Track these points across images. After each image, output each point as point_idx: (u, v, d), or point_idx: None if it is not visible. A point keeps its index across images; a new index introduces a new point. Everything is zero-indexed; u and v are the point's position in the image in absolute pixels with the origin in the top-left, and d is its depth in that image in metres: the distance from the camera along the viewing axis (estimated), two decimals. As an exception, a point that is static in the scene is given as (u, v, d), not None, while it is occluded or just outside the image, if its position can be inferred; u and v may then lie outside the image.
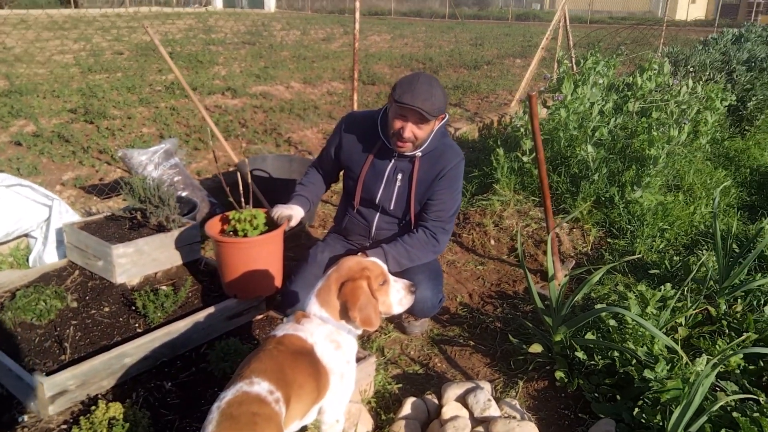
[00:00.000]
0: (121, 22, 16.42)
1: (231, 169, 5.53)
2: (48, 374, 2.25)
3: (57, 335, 2.58)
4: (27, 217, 3.34)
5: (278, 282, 2.89)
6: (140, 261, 2.94)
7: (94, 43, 11.99)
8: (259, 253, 2.76)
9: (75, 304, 2.79)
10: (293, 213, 2.89)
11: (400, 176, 2.88)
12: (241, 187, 2.88)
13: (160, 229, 3.08)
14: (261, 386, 1.72)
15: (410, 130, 2.67)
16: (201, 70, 9.54)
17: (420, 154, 2.83)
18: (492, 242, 4.32)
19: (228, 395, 1.68)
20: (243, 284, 2.78)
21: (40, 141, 5.57)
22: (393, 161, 2.88)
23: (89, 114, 6.44)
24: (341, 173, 3.21)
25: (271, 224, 2.85)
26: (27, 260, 3.48)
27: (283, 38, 15.19)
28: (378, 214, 3.02)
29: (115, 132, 6.07)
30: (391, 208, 2.95)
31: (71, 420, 2.23)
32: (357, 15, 5.29)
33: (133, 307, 2.76)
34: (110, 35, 13.46)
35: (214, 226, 2.83)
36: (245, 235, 2.75)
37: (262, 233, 2.78)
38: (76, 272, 3.05)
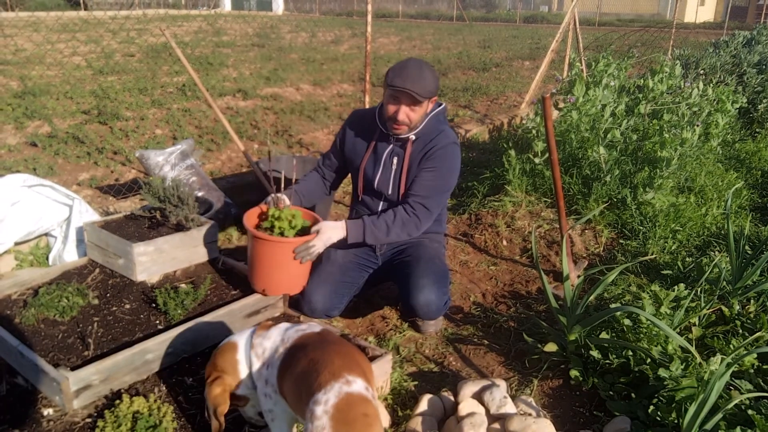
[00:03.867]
0: (129, 24, 16.53)
1: (244, 170, 5.58)
2: (73, 369, 2.30)
3: (80, 331, 2.63)
4: (48, 216, 3.40)
5: (305, 282, 2.95)
6: (160, 259, 2.99)
7: (104, 45, 12.09)
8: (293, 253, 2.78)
9: (96, 302, 2.84)
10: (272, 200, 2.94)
11: (395, 159, 3.00)
12: (282, 184, 2.93)
13: (179, 228, 3.13)
14: (358, 384, 1.73)
15: (404, 112, 2.80)
16: (211, 72, 9.62)
17: (414, 137, 2.94)
18: (504, 243, 4.35)
19: (331, 398, 1.66)
20: (274, 282, 2.82)
21: (55, 142, 5.64)
22: (390, 146, 3.00)
23: (102, 115, 6.51)
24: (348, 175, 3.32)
25: (304, 228, 2.87)
26: (47, 259, 3.53)
27: (291, 40, 15.27)
28: (381, 201, 3.11)
29: (128, 133, 6.13)
30: (390, 192, 3.04)
31: (95, 414, 2.27)
32: (369, 18, 5.34)
33: (154, 305, 2.80)
34: (120, 37, 13.56)
35: (251, 219, 2.84)
36: (281, 234, 2.77)
37: (297, 234, 2.80)
38: (97, 270, 3.10)
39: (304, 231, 2.84)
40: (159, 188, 3.14)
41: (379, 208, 3.11)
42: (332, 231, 2.83)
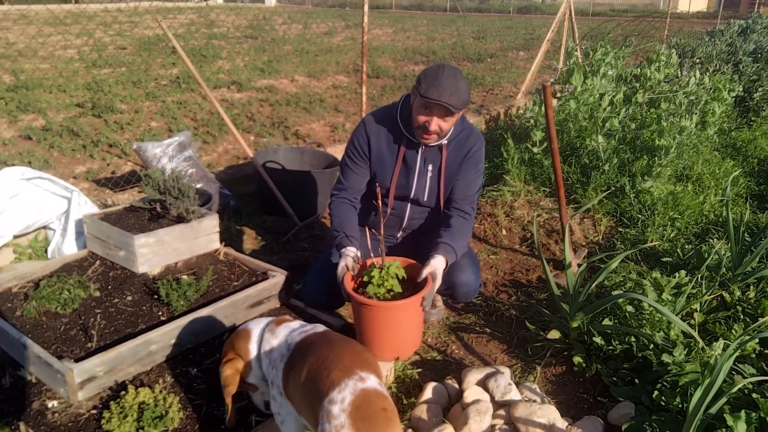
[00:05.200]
0: (122, 17, 16.40)
1: (241, 162, 5.56)
2: (77, 361, 2.29)
3: (82, 323, 2.62)
4: (47, 209, 3.37)
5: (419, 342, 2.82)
6: (161, 251, 2.98)
7: (96, 38, 11.98)
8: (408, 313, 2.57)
9: (98, 294, 2.82)
10: (353, 257, 2.69)
11: (430, 167, 2.86)
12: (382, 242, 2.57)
13: (180, 220, 3.11)
14: (372, 380, 1.71)
15: (436, 123, 2.65)
16: (205, 64, 9.55)
17: (446, 141, 2.83)
18: (504, 232, 4.35)
19: (347, 396, 1.63)
20: (407, 343, 2.68)
21: (50, 135, 5.59)
22: (421, 153, 2.85)
23: (97, 108, 6.46)
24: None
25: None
26: (45, 252, 3.51)
27: (285, 32, 15.19)
28: (409, 205, 3.01)
29: (123, 126, 6.09)
30: (425, 199, 2.94)
31: (100, 405, 2.26)
32: (366, 8, 5.31)
33: (156, 296, 2.79)
34: (112, 30, 13.44)
35: (349, 284, 2.56)
36: (392, 291, 2.53)
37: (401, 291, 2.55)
38: (97, 262, 3.09)
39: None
40: (159, 180, 3.12)
41: (408, 212, 3.02)
42: (440, 268, 2.66)
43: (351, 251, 2.67)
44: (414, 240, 3.13)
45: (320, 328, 2.07)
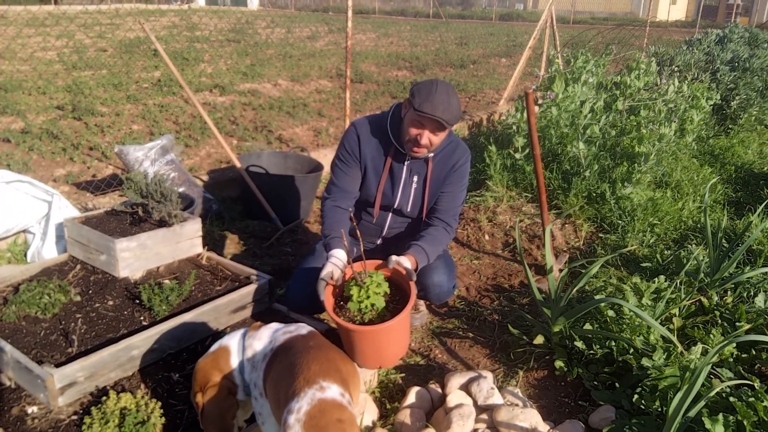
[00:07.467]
0: (102, 19, 16.25)
1: (224, 166, 5.53)
2: (57, 366, 2.26)
3: (62, 328, 2.59)
4: (27, 212, 3.33)
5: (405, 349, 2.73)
6: (143, 255, 2.95)
7: (76, 39, 11.86)
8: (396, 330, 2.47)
9: (78, 298, 2.79)
10: (340, 267, 2.58)
11: (415, 178, 2.89)
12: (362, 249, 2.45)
13: (162, 224, 3.09)
14: (332, 390, 1.71)
15: (427, 137, 2.67)
16: (187, 67, 9.50)
17: (432, 154, 2.85)
18: (486, 237, 4.38)
19: (304, 406, 1.63)
20: (391, 355, 2.61)
21: (29, 138, 5.52)
22: (407, 164, 2.87)
23: (77, 111, 6.39)
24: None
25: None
26: (25, 256, 3.47)
27: (268, 36, 15.15)
28: (391, 215, 3.02)
29: (104, 129, 6.04)
30: (408, 210, 2.96)
31: (81, 411, 2.24)
32: (350, 13, 5.33)
33: (137, 301, 2.77)
34: (93, 32, 13.32)
35: (330, 303, 2.41)
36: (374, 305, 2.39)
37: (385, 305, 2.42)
38: (78, 267, 3.05)
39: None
40: (141, 184, 3.09)
41: (388, 221, 3.04)
42: (411, 267, 2.59)
43: (339, 256, 2.60)
44: (394, 245, 3.14)
45: (303, 330, 2.06)
